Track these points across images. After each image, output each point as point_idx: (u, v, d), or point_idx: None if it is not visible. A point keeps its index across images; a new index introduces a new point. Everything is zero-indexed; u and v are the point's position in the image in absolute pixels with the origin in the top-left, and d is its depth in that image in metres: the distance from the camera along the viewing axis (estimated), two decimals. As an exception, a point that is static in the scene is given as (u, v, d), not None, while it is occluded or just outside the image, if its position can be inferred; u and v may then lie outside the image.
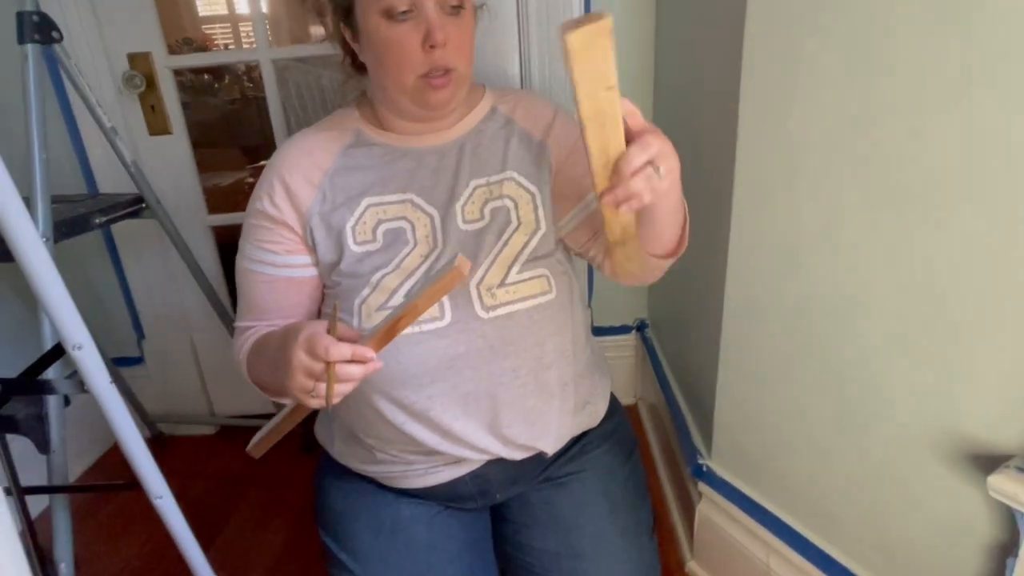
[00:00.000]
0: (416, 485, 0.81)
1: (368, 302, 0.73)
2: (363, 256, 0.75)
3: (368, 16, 0.69)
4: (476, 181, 0.78)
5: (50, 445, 0.93)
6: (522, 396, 0.76)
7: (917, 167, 0.61)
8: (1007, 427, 0.59)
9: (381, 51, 0.70)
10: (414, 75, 0.71)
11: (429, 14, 0.68)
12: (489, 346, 0.74)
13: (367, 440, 0.80)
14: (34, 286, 0.61)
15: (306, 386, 0.62)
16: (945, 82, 0.57)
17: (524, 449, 0.79)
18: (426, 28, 0.68)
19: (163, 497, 0.78)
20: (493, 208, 0.78)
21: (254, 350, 0.78)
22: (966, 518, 0.64)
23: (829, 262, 0.73)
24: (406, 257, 0.75)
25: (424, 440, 0.76)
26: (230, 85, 2.49)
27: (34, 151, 0.99)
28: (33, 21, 0.99)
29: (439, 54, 0.69)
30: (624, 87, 0.46)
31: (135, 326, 1.63)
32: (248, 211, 0.80)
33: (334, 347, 0.59)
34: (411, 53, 0.69)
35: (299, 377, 0.62)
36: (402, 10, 0.67)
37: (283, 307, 0.80)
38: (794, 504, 0.89)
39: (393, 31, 0.68)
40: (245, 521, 1.37)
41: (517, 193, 0.79)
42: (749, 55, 0.76)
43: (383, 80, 0.74)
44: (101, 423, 0.71)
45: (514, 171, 0.79)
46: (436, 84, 0.71)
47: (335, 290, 0.77)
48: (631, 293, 1.59)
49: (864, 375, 0.72)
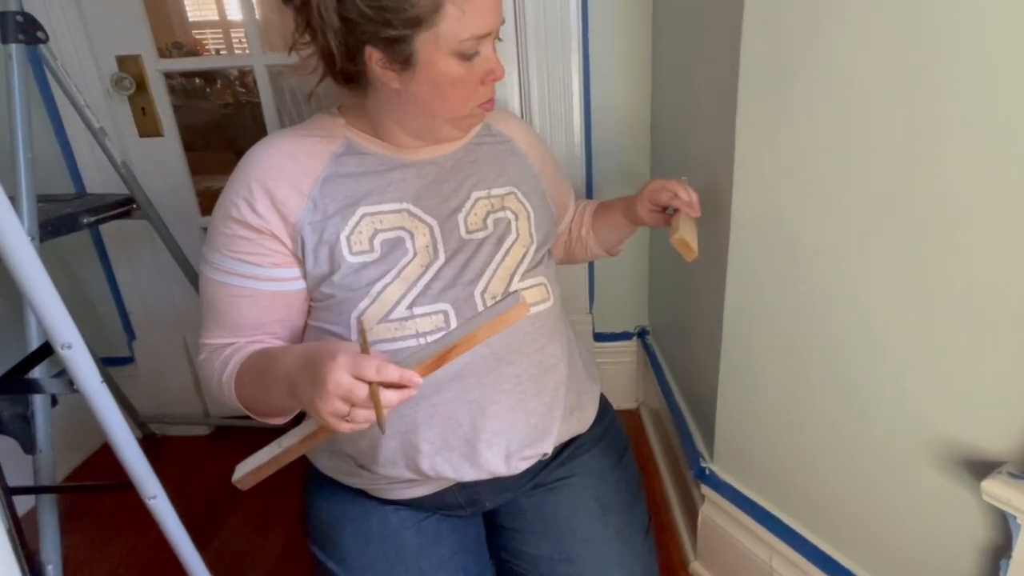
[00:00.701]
0: (402, 497, 0.80)
1: (368, 314, 0.71)
2: (360, 267, 0.72)
3: (436, 54, 0.67)
4: (477, 193, 0.79)
5: (36, 445, 0.92)
6: (522, 400, 0.77)
7: (914, 176, 0.61)
8: (1000, 433, 0.60)
9: (447, 86, 0.70)
10: (469, 106, 0.73)
11: (490, 52, 0.71)
12: (494, 354, 0.75)
13: (351, 455, 0.79)
14: (21, 285, 0.60)
15: (341, 410, 0.57)
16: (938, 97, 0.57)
17: (526, 459, 0.79)
18: (488, 65, 0.71)
19: (156, 497, 0.76)
20: (496, 219, 0.79)
21: (246, 369, 0.72)
22: (961, 521, 0.65)
23: (827, 269, 0.73)
24: (406, 267, 0.73)
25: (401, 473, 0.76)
26: (222, 90, 2.48)
27: (18, 150, 0.98)
28: (17, 21, 0.98)
29: (493, 86, 0.74)
30: (622, 98, 0.47)
31: (125, 327, 1.62)
32: (217, 216, 0.73)
33: (384, 367, 0.56)
34: (476, 87, 0.72)
35: (334, 401, 0.56)
36: (472, 52, 0.69)
37: (267, 323, 0.75)
38: (795, 506, 0.89)
39: (462, 68, 0.69)
40: (241, 525, 1.35)
41: (517, 207, 0.81)
42: (748, 43, 0.76)
43: (434, 108, 0.72)
44: (89, 423, 0.70)
45: (514, 187, 0.82)
46: (486, 108, 0.76)
47: (325, 303, 0.74)
48: (632, 300, 1.60)
49: (862, 380, 0.73)
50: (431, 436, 0.74)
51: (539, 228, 0.83)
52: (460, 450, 0.75)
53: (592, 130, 1.41)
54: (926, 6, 0.56)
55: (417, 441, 0.74)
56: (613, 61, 1.36)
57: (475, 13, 0.66)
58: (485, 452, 0.75)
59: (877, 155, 0.64)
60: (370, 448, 0.77)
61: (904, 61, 0.59)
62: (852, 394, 0.74)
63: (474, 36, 0.67)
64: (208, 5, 2.73)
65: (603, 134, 1.42)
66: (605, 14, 1.32)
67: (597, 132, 1.42)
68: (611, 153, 1.44)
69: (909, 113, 0.60)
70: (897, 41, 0.59)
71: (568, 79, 1.34)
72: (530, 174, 0.86)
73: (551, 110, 1.36)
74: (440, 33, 0.65)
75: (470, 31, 0.66)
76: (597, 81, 1.37)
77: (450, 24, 0.65)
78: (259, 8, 1.41)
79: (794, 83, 0.71)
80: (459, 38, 0.66)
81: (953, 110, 0.56)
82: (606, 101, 1.39)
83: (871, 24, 0.61)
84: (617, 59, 1.35)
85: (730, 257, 0.86)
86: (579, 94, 1.36)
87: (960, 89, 0.55)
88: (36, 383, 0.83)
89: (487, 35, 0.69)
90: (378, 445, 0.75)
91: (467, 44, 0.67)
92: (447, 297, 0.74)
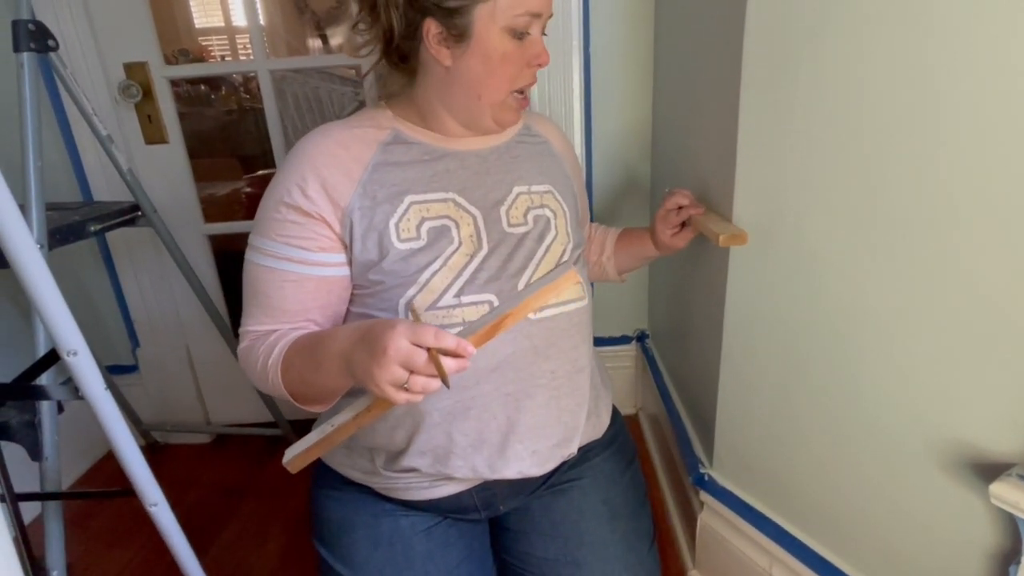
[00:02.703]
0: (419, 497, 0.80)
1: (416, 302, 0.73)
2: (408, 254, 0.73)
3: (491, 28, 0.71)
4: (519, 188, 0.81)
5: (43, 452, 0.92)
6: (556, 398, 0.79)
7: (915, 181, 0.61)
8: (1008, 435, 0.59)
9: (496, 62, 0.73)
10: (512, 89, 0.76)
11: (537, 36, 0.75)
12: (534, 347, 0.77)
13: (381, 446, 0.80)
14: (29, 292, 0.61)
15: (400, 377, 0.58)
16: (942, 101, 0.57)
17: (554, 459, 0.80)
18: (535, 49, 0.75)
19: (158, 504, 0.77)
20: (536, 215, 0.81)
21: (295, 352, 0.72)
22: (968, 526, 0.64)
23: (829, 273, 0.73)
24: (452, 255, 0.74)
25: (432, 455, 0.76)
26: (227, 96, 2.51)
27: (29, 159, 0.99)
28: (28, 30, 0.99)
29: (537, 72, 0.77)
30: (623, 100, 0.47)
31: (129, 334, 1.63)
32: (268, 204, 0.75)
33: (442, 334, 0.57)
34: (521, 68, 0.75)
35: (393, 367, 0.57)
36: (524, 31, 0.73)
37: (310, 309, 0.76)
38: (796, 512, 0.88)
39: (512, 46, 0.73)
40: (241, 531, 1.35)
41: (555, 206, 0.83)
42: (750, 46, 0.77)
43: (481, 87, 0.75)
44: (94, 430, 0.71)
45: (552, 185, 0.84)
46: (522, 102, 0.79)
47: (372, 289, 0.75)
48: (631, 304, 1.60)
49: (865, 384, 0.72)
50: (466, 428, 0.76)
51: (574, 229, 0.85)
52: (493, 444, 0.76)
53: (593, 132, 1.42)
54: (929, 11, 0.57)
55: (452, 431, 0.75)
56: (614, 62, 1.36)
57: None
58: (517, 447, 0.77)
59: (879, 159, 0.64)
60: (404, 439, 0.77)
61: (907, 65, 0.60)
62: (855, 397, 0.74)
63: (528, 12, 0.71)
64: (214, 11, 2.77)
65: (604, 136, 1.42)
66: (606, 14, 1.32)
67: (597, 134, 1.42)
68: (612, 156, 1.44)
69: (911, 117, 0.60)
70: (899, 46, 0.60)
71: (569, 80, 1.34)
72: (565, 176, 0.88)
73: (551, 111, 1.37)
74: (498, 6, 0.70)
75: (525, 6, 0.71)
76: (598, 82, 1.38)
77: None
78: (264, 13, 1.42)
79: (796, 87, 0.71)
80: (515, 12, 0.70)
81: (957, 114, 0.57)
82: (607, 103, 1.39)
83: (873, 29, 0.62)
84: (618, 61, 1.36)
85: (731, 261, 0.86)
86: (580, 95, 1.36)
87: (964, 93, 0.56)
88: (42, 389, 0.84)
89: (539, 15, 0.72)
90: (414, 435, 0.76)
91: (521, 20, 0.71)
92: (492, 288, 0.76)
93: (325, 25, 2.12)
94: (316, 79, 1.74)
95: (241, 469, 1.53)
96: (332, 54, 2.08)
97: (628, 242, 1.03)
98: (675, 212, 0.91)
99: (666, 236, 0.93)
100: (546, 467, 0.80)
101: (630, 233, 1.03)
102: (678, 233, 0.93)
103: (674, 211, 0.91)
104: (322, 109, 1.75)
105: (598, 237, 1.06)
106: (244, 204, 2.16)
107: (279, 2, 2.16)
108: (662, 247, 0.96)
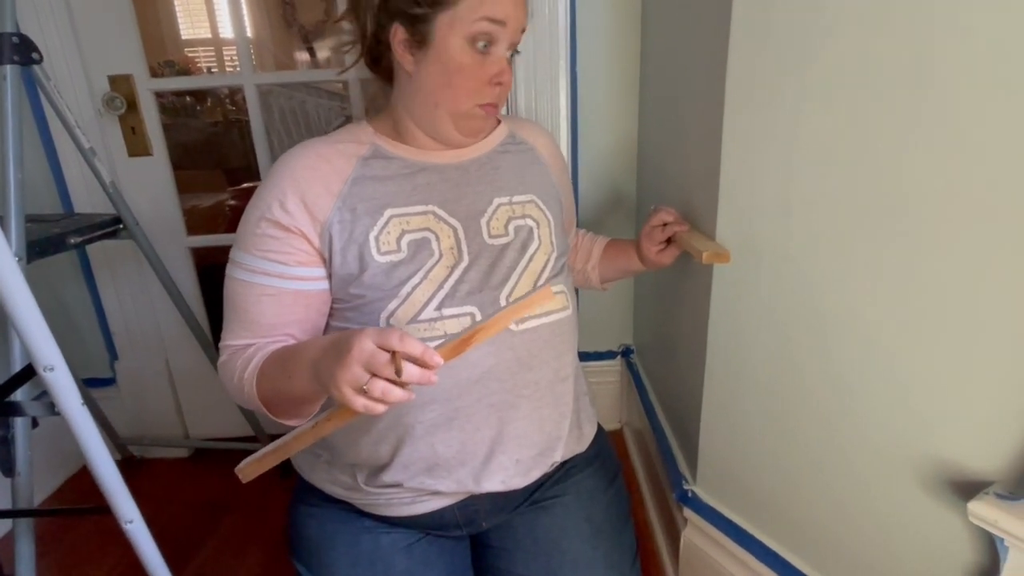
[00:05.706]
0: (401, 514, 0.80)
1: (397, 315, 0.73)
2: (389, 267, 0.73)
3: (450, 36, 0.71)
4: (499, 199, 0.82)
5: (15, 468, 0.91)
6: (538, 408, 0.80)
7: (896, 203, 0.62)
8: (987, 453, 0.60)
9: (453, 72, 0.73)
10: (474, 104, 0.76)
11: (502, 54, 0.75)
12: (517, 358, 0.77)
13: (363, 462, 0.79)
14: (6, 306, 0.60)
15: (359, 378, 0.56)
16: (927, 111, 0.59)
17: (537, 469, 0.80)
18: (498, 67, 0.75)
19: (133, 522, 0.76)
20: (517, 226, 0.81)
21: (269, 363, 0.72)
22: (947, 543, 0.65)
23: (812, 290, 0.74)
24: (433, 268, 0.75)
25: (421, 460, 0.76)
26: (212, 108, 2.50)
27: (9, 171, 0.98)
28: (12, 42, 0.98)
29: (499, 91, 0.76)
30: (609, 116, 0.48)
31: (108, 347, 1.60)
32: (249, 219, 0.75)
33: (407, 338, 0.55)
34: (480, 84, 0.75)
35: (354, 367, 0.56)
36: (484, 43, 0.72)
37: (288, 323, 0.76)
38: (779, 529, 0.89)
39: (470, 58, 0.73)
40: (220, 548, 1.33)
41: (538, 215, 0.84)
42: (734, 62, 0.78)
43: (438, 96, 0.75)
44: (69, 444, 0.69)
45: (535, 195, 0.84)
46: (487, 110, 0.78)
47: (353, 303, 0.75)
48: (616, 318, 1.60)
49: (846, 402, 0.73)
50: (450, 440, 0.75)
51: (558, 238, 0.85)
52: (478, 456, 0.76)
53: (579, 149, 1.43)
54: (909, 39, 0.58)
55: (436, 444, 0.75)
56: (601, 81, 1.38)
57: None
58: (501, 457, 0.77)
59: (859, 181, 0.66)
60: (389, 453, 0.77)
61: (887, 87, 0.61)
62: (838, 415, 0.75)
63: (486, 18, 0.71)
64: (201, 23, 2.76)
65: (590, 153, 1.44)
66: (593, 31, 1.34)
67: (584, 151, 1.43)
68: (598, 173, 1.46)
69: (896, 130, 0.61)
70: (880, 69, 0.61)
71: (556, 98, 1.35)
72: (550, 184, 0.89)
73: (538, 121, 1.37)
74: (457, 14, 0.70)
75: (482, 12, 0.70)
76: (585, 100, 1.39)
77: (468, 5, 0.70)
78: (251, 26, 1.43)
79: (778, 110, 0.72)
80: (473, 17, 0.70)
81: (937, 135, 0.58)
82: (593, 120, 1.41)
83: (855, 53, 0.63)
84: (605, 79, 1.38)
85: (714, 278, 0.87)
86: (567, 113, 1.37)
87: (944, 111, 0.57)
88: (17, 406, 0.82)
89: (501, 23, 0.72)
90: (399, 449, 0.76)
91: (480, 26, 0.71)
92: (474, 300, 0.76)
93: (312, 39, 2.13)
94: (303, 93, 1.75)
95: (220, 484, 1.51)
96: (319, 68, 2.09)
97: (615, 254, 1.03)
98: (660, 229, 0.92)
99: (651, 252, 0.94)
100: (530, 476, 0.80)
101: (617, 245, 1.04)
102: (664, 250, 0.94)
103: (659, 228, 0.92)
104: (308, 123, 1.76)
105: (585, 244, 1.07)
106: (228, 216, 2.15)
107: (267, 15, 2.17)
108: (648, 263, 0.97)
